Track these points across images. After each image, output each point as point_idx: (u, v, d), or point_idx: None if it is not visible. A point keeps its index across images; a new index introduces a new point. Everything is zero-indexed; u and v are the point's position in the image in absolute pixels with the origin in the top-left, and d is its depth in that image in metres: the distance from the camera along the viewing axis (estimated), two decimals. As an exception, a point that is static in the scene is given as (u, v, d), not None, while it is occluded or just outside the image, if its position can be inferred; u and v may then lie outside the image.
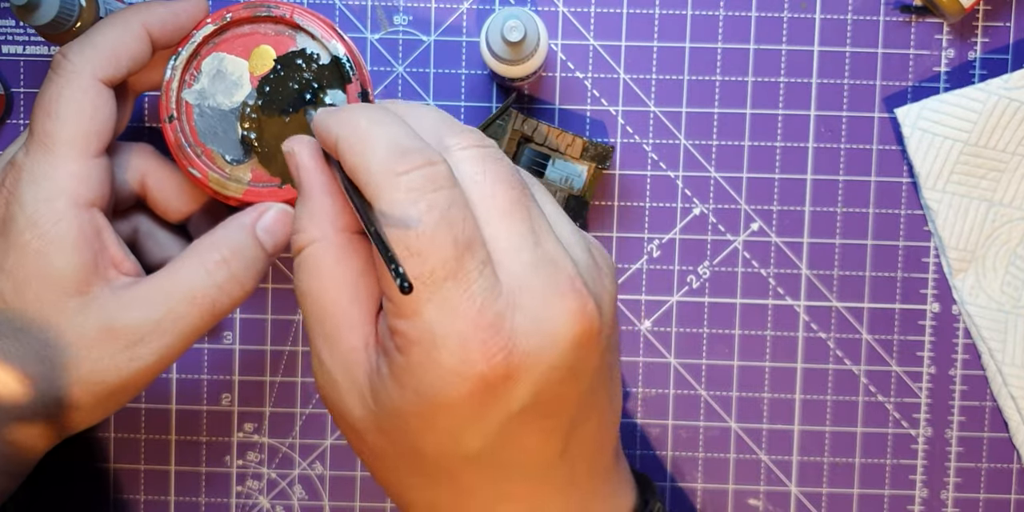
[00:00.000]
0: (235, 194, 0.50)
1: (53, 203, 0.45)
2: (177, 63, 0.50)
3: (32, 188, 0.45)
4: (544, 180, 0.55)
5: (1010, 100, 0.57)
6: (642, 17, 0.58)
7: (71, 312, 0.46)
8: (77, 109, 0.46)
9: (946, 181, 0.57)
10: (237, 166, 0.51)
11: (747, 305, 0.59)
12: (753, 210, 0.58)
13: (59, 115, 0.46)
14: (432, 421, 0.40)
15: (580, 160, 0.54)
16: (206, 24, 0.50)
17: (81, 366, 0.46)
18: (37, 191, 0.45)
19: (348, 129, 0.40)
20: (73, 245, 0.45)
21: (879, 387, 0.59)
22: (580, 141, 0.54)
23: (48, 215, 0.45)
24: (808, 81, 0.58)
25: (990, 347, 0.58)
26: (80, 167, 0.46)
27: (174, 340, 0.47)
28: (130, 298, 0.46)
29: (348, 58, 0.50)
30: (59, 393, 0.46)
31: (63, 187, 0.46)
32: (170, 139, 0.51)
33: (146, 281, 0.47)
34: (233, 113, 0.51)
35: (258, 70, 0.51)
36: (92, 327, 0.46)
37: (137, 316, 0.46)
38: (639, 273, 0.59)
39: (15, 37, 0.58)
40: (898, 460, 0.59)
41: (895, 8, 0.58)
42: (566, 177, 0.54)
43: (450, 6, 0.58)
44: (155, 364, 0.47)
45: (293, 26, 0.51)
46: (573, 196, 0.55)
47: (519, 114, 0.54)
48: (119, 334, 0.46)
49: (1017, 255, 0.58)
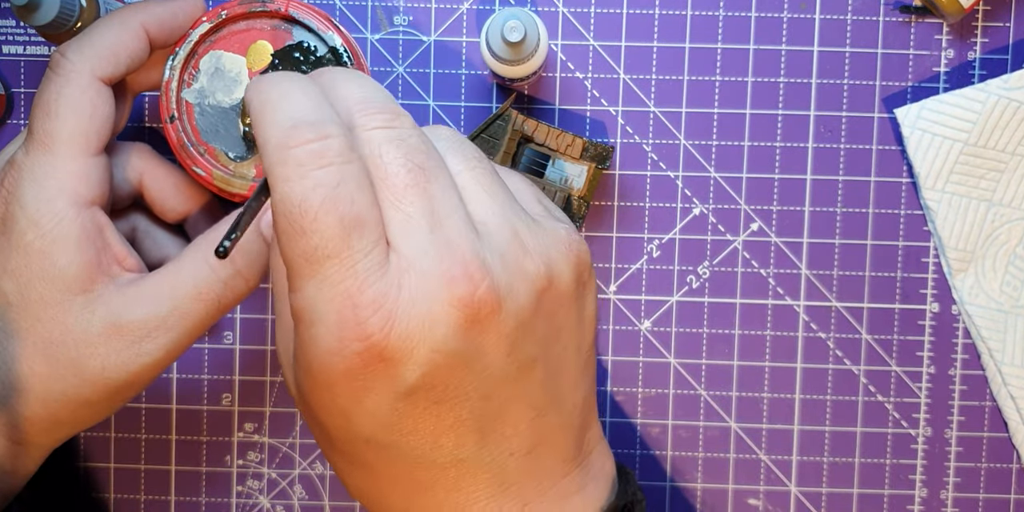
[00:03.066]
0: (240, 191, 0.51)
1: (54, 202, 0.45)
2: (175, 63, 0.51)
3: (33, 188, 0.46)
4: (544, 180, 0.55)
5: (1009, 100, 0.57)
6: (642, 17, 0.58)
7: (76, 310, 0.46)
8: (76, 108, 0.46)
9: (946, 181, 0.58)
10: (241, 163, 0.51)
11: (747, 305, 0.59)
12: (753, 210, 0.58)
13: (58, 114, 0.46)
14: (323, 400, 0.39)
15: (580, 160, 0.55)
16: (202, 22, 0.50)
17: (88, 363, 0.46)
18: (38, 191, 0.45)
19: (260, 98, 0.40)
20: (76, 243, 0.46)
21: (879, 387, 0.59)
22: (580, 141, 0.54)
23: (50, 215, 0.45)
24: (808, 81, 0.58)
25: (989, 347, 0.58)
26: (80, 166, 0.46)
27: (179, 336, 0.47)
28: (135, 294, 0.46)
29: (345, 48, 0.50)
30: (66, 391, 0.46)
31: (64, 186, 0.46)
32: (172, 139, 0.51)
33: (151, 277, 0.47)
34: (234, 110, 0.51)
35: (256, 66, 0.51)
36: (98, 324, 0.46)
37: (143, 312, 0.46)
38: (639, 273, 0.59)
39: (15, 37, 0.59)
40: (898, 460, 0.59)
41: (895, 8, 0.58)
42: (566, 177, 0.55)
43: (450, 6, 0.58)
44: (161, 360, 0.47)
45: (289, 20, 0.51)
46: (573, 196, 0.55)
47: (519, 114, 0.54)
48: (125, 331, 0.46)
49: (1016, 255, 0.58)
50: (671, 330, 0.59)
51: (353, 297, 0.37)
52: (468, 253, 0.39)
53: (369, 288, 0.37)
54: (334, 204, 0.37)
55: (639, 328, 0.59)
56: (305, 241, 0.37)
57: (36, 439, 0.48)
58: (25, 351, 0.46)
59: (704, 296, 0.59)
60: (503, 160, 0.54)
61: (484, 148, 0.53)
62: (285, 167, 0.38)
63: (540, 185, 0.54)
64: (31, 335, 0.46)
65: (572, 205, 0.55)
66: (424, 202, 0.39)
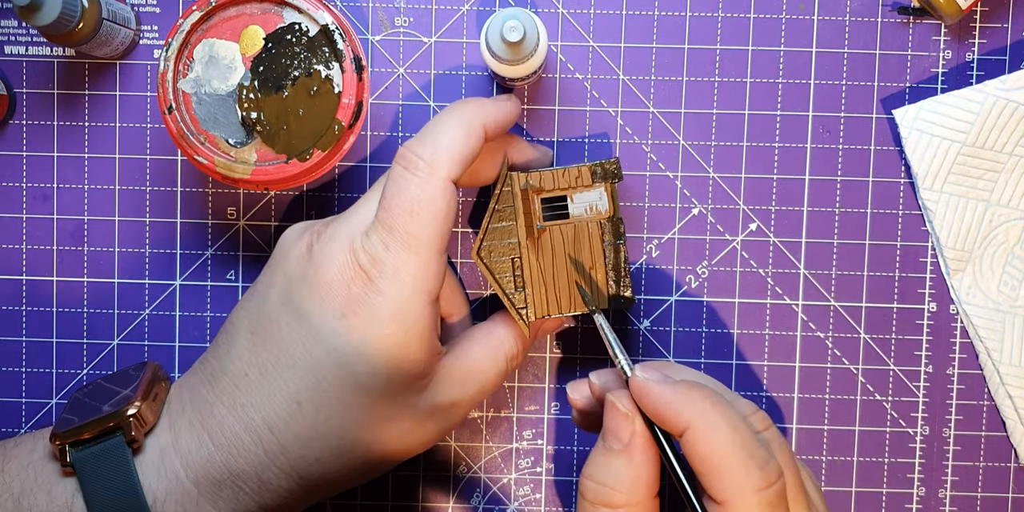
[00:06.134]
0: (243, 175, 0.51)
1: (415, 301, 0.49)
2: (169, 54, 0.51)
3: (396, 285, 0.49)
4: (572, 218, 0.54)
5: (1007, 101, 0.57)
6: (641, 18, 0.58)
7: (414, 392, 0.50)
8: (436, 211, 0.49)
9: (943, 181, 0.58)
10: (241, 148, 0.52)
11: (745, 305, 0.59)
12: (751, 210, 0.59)
13: (421, 216, 0.49)
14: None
15: (594, 185, 0.54)
16: (192, 12, 0.51)
17: (406, 439, 0.51)
18: (402, 288, 0.49)
19: (704, 423, 0.44)
20: (427, 337, 0.50)
21: (877, 386, 0.59)
22: (585, 169, 0.54)
23: (412, 312, 0.49)
24: (806, 82, 0.58)
25: (987, 346, 0.58)
26: (437, 266, 0.49)
27: (473, 406, 0.53)
28: (455, 381, 0.52)
29: (336, 25, 0.51)
30: (371, 462, 0.51)
31: (423, 287, 0.49)
32: (172, 130, 0.51)
33: (462, 362, 0.52)
34: (230, 96, 0.51)
35: (249, 51, 0.51)
36: (424, 405, 0.51)
37: (459, 394, 0.52)
38: (638, 273, 0.59)
39: (18, 38, 0.59)
40: (896, 459, 0.59)
41: (893, 10, 0.58)
42: (590, 205, 0.54)
43: (450, 8, 0.58)
44: (458, 424, 0.54)
45: (279, 3, 0.51)
46: (605, 219, 0.54)
47: (517, 175, 0.54)
48: (438, 409, 0.51)
49: (1014, 255, 0.58)
50: (670, 330, 0.59)
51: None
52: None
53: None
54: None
55: (638, 327, 0.59)
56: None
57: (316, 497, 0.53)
58: (360, 424, 0.50)
59: (703, 296, 0.59)
60: (526, 222, 0.53)
61: (502, 220, 0.53)
62: (754, 508, 0.43)
63: (572, 225, 0.54)
64: (371, 411, 0.50)
65: (620, 229, 0.54)
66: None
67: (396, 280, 0.48)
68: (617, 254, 0.54)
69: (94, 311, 0.59)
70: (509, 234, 0.53)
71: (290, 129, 0.51)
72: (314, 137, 0.51)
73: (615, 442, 0.46)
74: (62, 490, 0.50)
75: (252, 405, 0.50)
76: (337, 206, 0.59)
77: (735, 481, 0.43)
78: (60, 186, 0.59)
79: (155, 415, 0.51)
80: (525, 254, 0.53)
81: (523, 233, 0.53)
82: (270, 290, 0.51)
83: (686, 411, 0.44)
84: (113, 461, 0.50)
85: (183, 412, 0.51)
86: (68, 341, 0.60)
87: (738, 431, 0.44)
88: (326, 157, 0.52)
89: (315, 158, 0.51)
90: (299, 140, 0.51)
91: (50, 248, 0.59)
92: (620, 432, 0.46)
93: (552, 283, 0.54)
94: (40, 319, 0.60)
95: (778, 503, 0.43)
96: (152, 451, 0.51)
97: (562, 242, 0.54)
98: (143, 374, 0.53)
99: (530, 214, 0.54)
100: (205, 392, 0.51)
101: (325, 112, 0.51)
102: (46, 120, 0.59)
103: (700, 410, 0.44)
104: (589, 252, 0.54)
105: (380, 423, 0.50)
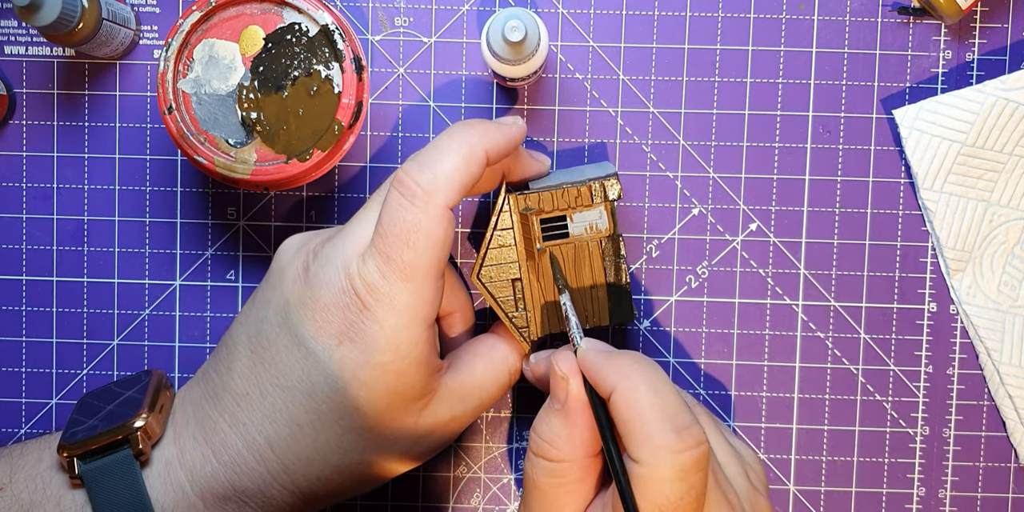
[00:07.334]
0: (243, 175, 0.51)
1: (412, 329, 0.49)
2: (169, 54, 0.51)
3: (393, 314, 0.48)
4: (572, 238, 0.54)
5: (1007, 101, 0.57)
6: (641, 19, 0.58)
7: (413, 414, 0.50)
8: (433, 240, 0.48)
9: (943, 181, 0.58)
10: (241, 148, 0.52)
11: (745, 305, 0.59)
12: (752, 210, 0.59)
13: (417, 245, 0.48)
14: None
15: (593, 204, 0.54)
16: (192, 12, 0.51)
17: (405, 458, 0.52)
18: (399, 318, 0.48)
19: (627, 385, 0.45)
20: (424, 361, 0.49)
21: (877, 386, 0.59)
22: (584, 188, 0.53)
23: (408, 340, 0.49)
24: (806, 82, 0.58)
25: (987, 346, 0.58)
26: (433, 292, 0.49)
27: (473, 419, 0.54)
28: (456, 397, 0.52)
29: (336, 25, 0.51)
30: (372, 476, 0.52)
31: (420, 314, 0.49)
32: (172, 130, 0.51)
33: (464, 377, 0.53)
34: (230, 96, 0.51)
35: (249, 51, 0.51)
36: (424, 425, 0.51)
37: (459, 410, 0.52)
38: (638, 273, 0.59)
39: (17, 38, 0.59)
40: (896, 459, 0.59)
41: (893, 10, 0.58)
42: (590, 224, 0.54)
43: (450, 8, 0.58)
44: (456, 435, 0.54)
45: (278, 3, 0.51)
46: (605, 237, 0.54)
47: (515, 197, 0.53)
48: (439, 426, 0.52)
49: (1014, 255, 0.58)
50: (670, 330, 0.59)
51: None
52: (739, 508, 0.48)
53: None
54: (697, 503, 0.45)
55: (638, 327, 0.59)
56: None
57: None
58: (360, 445, 0.50)
59: (703, 296, 0.59)
60: (526, 246, 0.53)
61: (501, 243, 0.53)
62: (669, 469, 0.44)
63: (571, 244, 0.54)
64: (371, 434, 0.50)
65: (620, 248, 0.54)
66: (719, 493, 0.47)
67: (392, 309, 0.48)
68: (618, 272, 0.54)
69: (94, 311, 0.59)
70: (509, 256, 0.53)
71: (290, 129, 0.51)
72: (314, 137, 0.51)
73: (555, 402, 0.48)
74: (71, 502, 0.50)
75: (254, 424, 0.50)
76: (337, 206, 0.59)
77: (649, 441, 0.44)
78: (60, 186, 0.59)
79: (162, 427, 0.52)
80: (525, 276, 0.53)
81: (523, 256, 0.53)
82: (268, 308, 0.50)
83: (612, 375, 0.46)
84: (122, 474, 0.50)
85: (187, 425, 0.51)
86: (68, 341, 0.60)
87: (659, 394, 0.45)
88: (326, 157, 0.52)
89: (315, 158, 0.51)
90: (299, 140, 0.51)
91: (50, 248, 0.59)
92: (558, 393, 0.48)
93: (553, 302, 0.53)
94: (40, 319, 0.60)
95: (693, 469, 0.44)
96: (158, 463, 0.51)
97: (562, 261, 0.54)
98: (150, 379, 0.53)
99: (530, 238, 0.53)
100: (208, 408, 0.51)
101: (325, 112, 0.51)
102: (46, 120, 0.59)
103: (624, 374, 0.46)
104: (590, 270, 0.54)
105: (381, 443, 0.50)
